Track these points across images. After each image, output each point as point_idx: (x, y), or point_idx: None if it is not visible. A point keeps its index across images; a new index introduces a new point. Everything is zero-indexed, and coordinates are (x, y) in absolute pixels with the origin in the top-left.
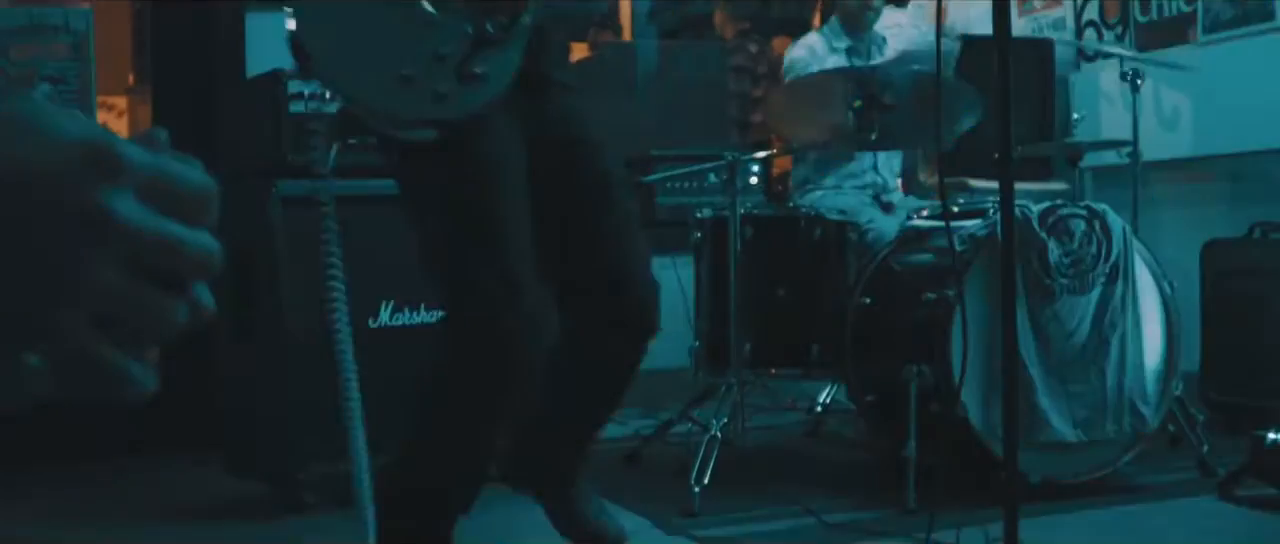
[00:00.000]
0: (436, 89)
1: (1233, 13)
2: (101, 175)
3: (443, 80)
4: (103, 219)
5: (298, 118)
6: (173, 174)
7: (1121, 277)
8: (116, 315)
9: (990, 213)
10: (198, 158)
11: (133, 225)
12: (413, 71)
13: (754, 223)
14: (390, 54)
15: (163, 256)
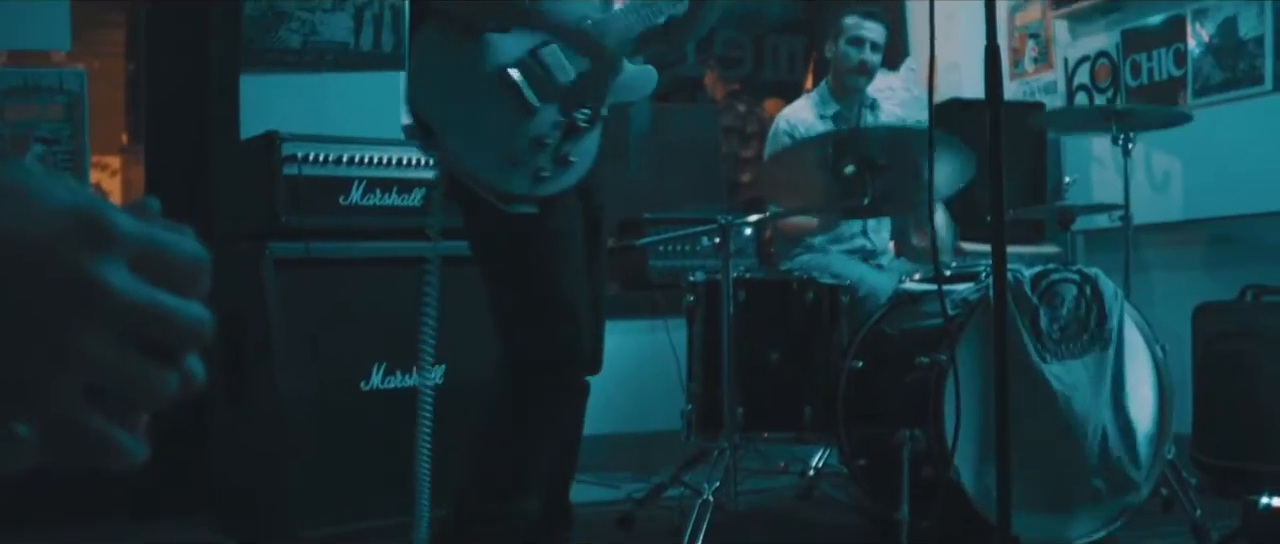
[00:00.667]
0: (538, 170)
1: (1223, 76)
2: (93, 245)
3: (543, 162)
4: (94, 289)
5: (291, 180)
6: (164, 244)
7: (1113, 341)
8: (107, 385)
9: (983, 277)
10: (191, 219)
11: (124, 295)
12: (519, 154)
13: (747, 286)
14: (501, 137)
15: (154, 327)
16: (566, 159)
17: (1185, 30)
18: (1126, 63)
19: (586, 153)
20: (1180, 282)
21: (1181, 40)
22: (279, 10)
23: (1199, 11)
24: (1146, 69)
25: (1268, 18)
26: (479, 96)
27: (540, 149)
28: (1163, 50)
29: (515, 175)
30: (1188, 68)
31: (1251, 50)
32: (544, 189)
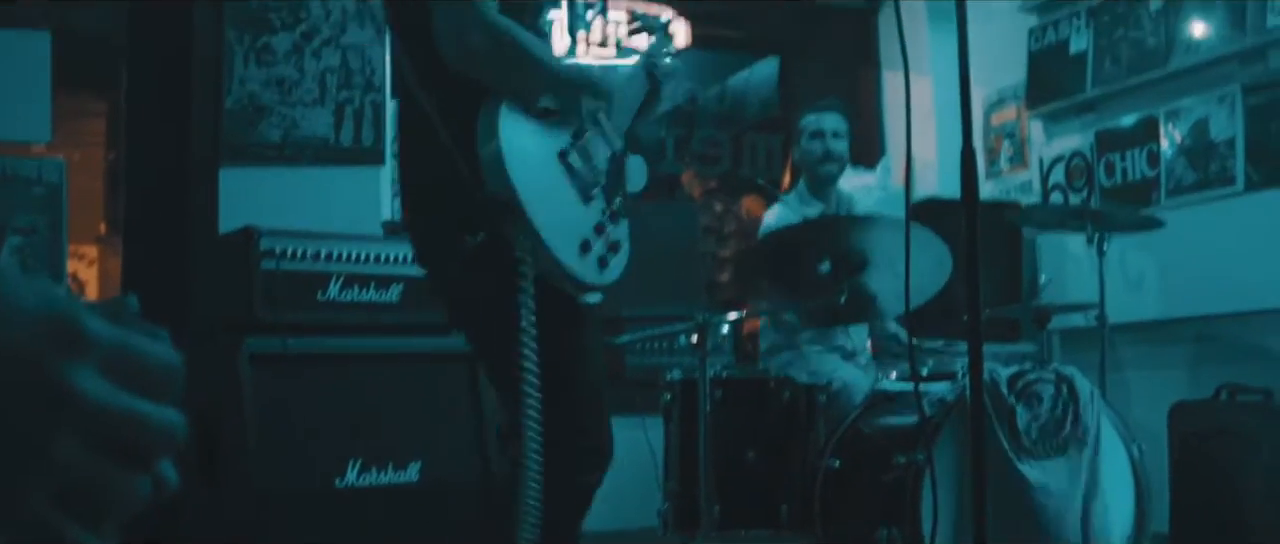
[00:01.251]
0: (603, 257)
1: (1195, 177)
2: (65, 352)
3: (604, 249)
4: (66, 396)
5: (269, 275)
6: (137, 349)
7: (1090, 440)
8: (78, 491)
9: (959, 376)
10: (168, 312)
11: (96, 402)
12: (589, 239)
13: (724, 385)
14: (574, 221)
15: (126, 432)
16: (619, 246)
17: (1158, 131)
18: (1100, 163)
19: (627, 235)
20: (1156, 381)
21: (1154, 141)
22: (259, 104)
23: (1171, 113)
24: (1120, 169)
25: (1238, 120)
26: (552, 178)
27: (601, 235)
28: (1136, 151)
29: (587, 261)
30: (1161, 168)
31: (1223, 152)
32: (607, 277)
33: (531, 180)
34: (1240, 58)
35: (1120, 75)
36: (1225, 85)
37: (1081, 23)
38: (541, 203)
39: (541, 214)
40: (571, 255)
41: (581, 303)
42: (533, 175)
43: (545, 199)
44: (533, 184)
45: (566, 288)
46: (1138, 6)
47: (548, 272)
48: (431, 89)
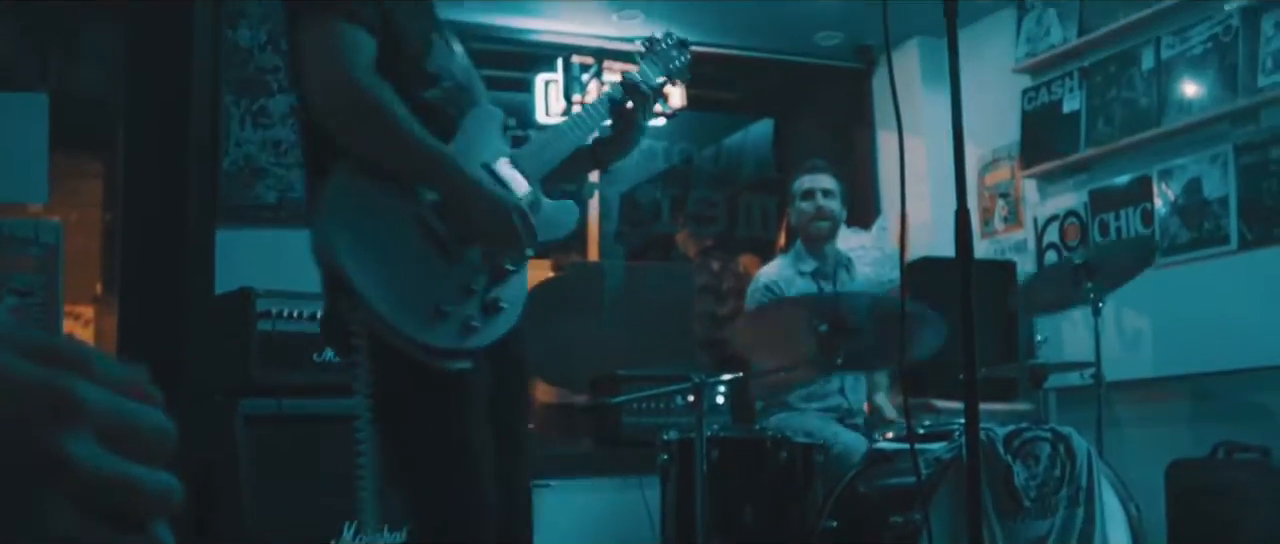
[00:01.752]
0: (468, 320)
1: (1189, 235)
2: (60, 421)
3: (472, 312)
4: (61, 465)
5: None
6: (131, 415)
7: (1086, 499)
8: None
9: (956, 435)
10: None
11: (91, 469)
12: (447, 305)
13: (720, 445)
14: (426, 288)
15: (121, 497)
16: (497, 306)
17: (1152, 190)
18: (1095, 222)
19: (517, 296)
20: (1153, 439)
21: (1148, 200)
22: (256, 166)
23: (1165, 172)
24: (1115, 228)
25: (1231, 179)
26: (398, 244)
27: (468, 297)
28: (1130, 210)
29: (442, 327)
30: (1155, 227)
31: (1216, 210)
32: (476, 341)
33: (365, 247)
34: (1232, 117)
35: (1113, 135)
36: (1218, 144)
37: (1074, 83)
38: (376, 270)
39: (375, 283)
40: (416, 323)
41: (445, 369)
42: (367, 242)
43: (382, 266)
44: (365, 251)
45: (418, 356)
46: (1130, 67)
47: (391, 341)
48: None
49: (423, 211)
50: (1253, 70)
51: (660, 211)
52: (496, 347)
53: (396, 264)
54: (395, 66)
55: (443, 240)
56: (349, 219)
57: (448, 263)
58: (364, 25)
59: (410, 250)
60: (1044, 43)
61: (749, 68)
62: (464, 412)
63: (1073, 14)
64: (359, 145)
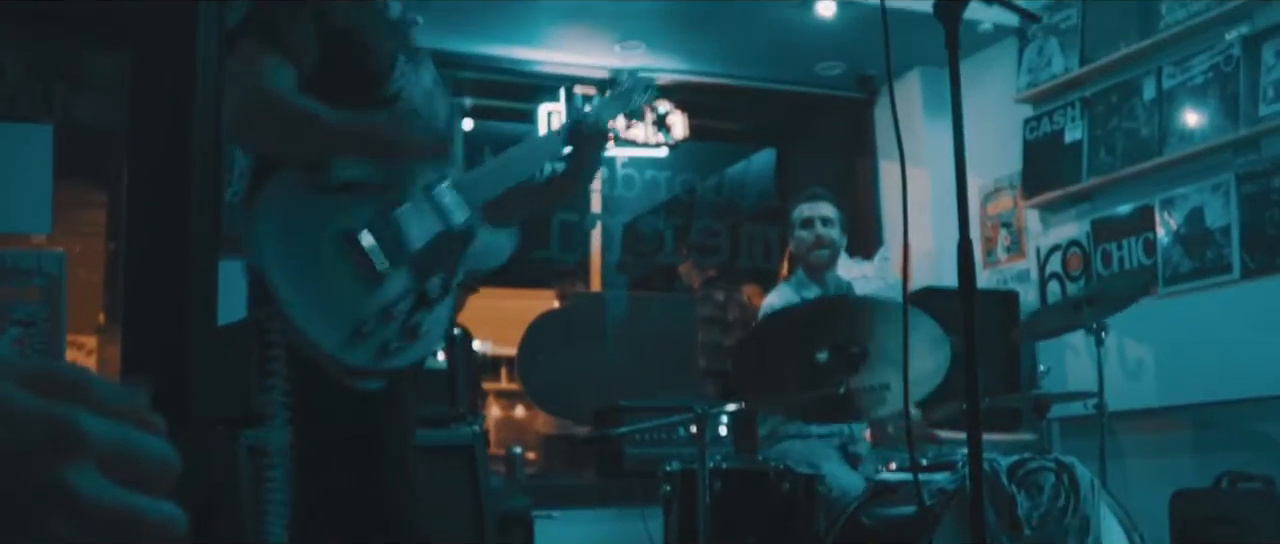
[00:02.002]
0: (386, 342)
1: (1192, 265)
2: (63, 453)
3: (391, 334)
4: (64, 496)
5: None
6: (134, 445)
7: (1091, 529)
8: None
9: (959, 466)
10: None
11: (94, 500)
12: (367, 325)
13: (723, 476)
14: (347, 307)
15: (124, 528)
16: (416, 331)
17: (1154, 220)
18: (1097, 251)
19: (437, 325)
20: (1157, 468)
21: (1151, 230)
22: None
23: (1166, 202)
24: (1117, 258)
25: (1233, 208)
26: (325, 260)
27: (388, 320)
28: (1132, 239)
29: (360, 347)
30: (1157, 256)
31: (1218, 240)
32: (391, 363)
33: (291, 259)
34: (1234, 146)
35: (1115, 165)
36: (1220, 173)
37: (1076, 113)
38: (299, 283)
39: (297, 295)
40: (335, 340)
41: (358, 388)
42: (294, 254)
43: (305, 280)
44: (291, 263)
45: (333, 373)
46: (1131, 97)
47: (308, 354)
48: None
49: (353, 230)
50: (1254, 99)
51: (663, 242)
52: None
53: (321, 280)
54: (349, 84)
55: (369, 262)
56: (280, 231)
57: (372, 284)
58: (288, 57)
59: (336, 268)
60: (1046, 73)
61: (751, 98)
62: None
63: (1074, 44)
64: (281, 149)
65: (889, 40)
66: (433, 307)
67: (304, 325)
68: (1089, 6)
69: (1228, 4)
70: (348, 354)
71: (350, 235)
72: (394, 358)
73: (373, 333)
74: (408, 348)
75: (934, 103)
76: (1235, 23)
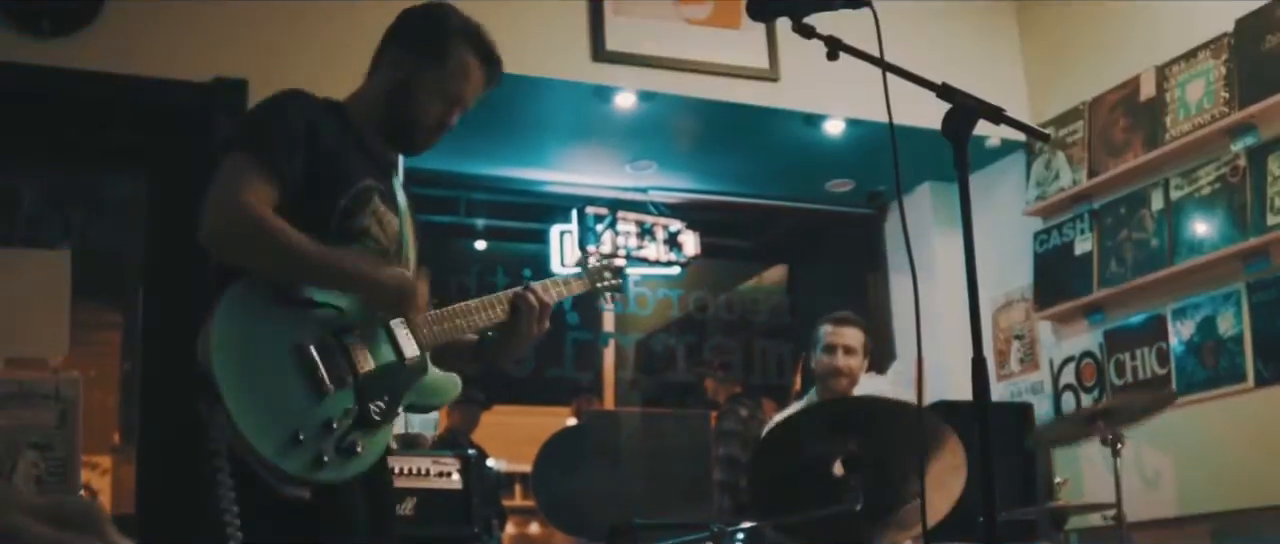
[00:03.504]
0: (320, 454)
1: (1205, 374)
2: None
3: (327, 447)
4: None
5: None
6: None
7: None
8: None
9: None
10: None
11: None
12: (305, 434)
13: None
14: (289, 412)
15: None
16: (352, 448)
17: (1166, 330)
18: (1111, 362)
19: (375, 447)
20: None
21: (1163, 339)
22: None
23: (1178, 311)
24: (1131, 368)
25: (1244, 317)
26: (274, 366)
27: (327, 434)
28: (1145, 349)
29: (295, 455)
30: (1171, 366)
31: (1231, 348)
32: (322, 475)
33: (239, 362)
34: (1243, 256)
35: (1126, 275)
36: (1230, 283)
37: (1085, 225)
38: (244, 384)
39: (241, 396)
40: (270, 443)
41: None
42: (244, 358)
43: (252, 383)
44: (240, 366)
45: (264, 475)
46: (1139, 208)
47: (244, 455)
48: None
49: (306, 344)
50: (1261, 209)
51: (676, 359)
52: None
53: (267, 386)
54: (319, 216)
55: (317, 377)
56: (232, 331)
57: (316, 396)
58: (272, 174)
59: (282, 375)
60: (1054, 186)
61: (762, 215)
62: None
63: (1081, 157)
64: (247, 261)
65: (898, 158)
66: (372, 430)
67: (243, 425)
68: (1094, 119)
69: (1232, 115)
70: (281, 458)
71: (302, 348)
72: (326, 470)
73: (309, 443)
74: (341, 464)
75: (944, 217)
76: (1240, 135)
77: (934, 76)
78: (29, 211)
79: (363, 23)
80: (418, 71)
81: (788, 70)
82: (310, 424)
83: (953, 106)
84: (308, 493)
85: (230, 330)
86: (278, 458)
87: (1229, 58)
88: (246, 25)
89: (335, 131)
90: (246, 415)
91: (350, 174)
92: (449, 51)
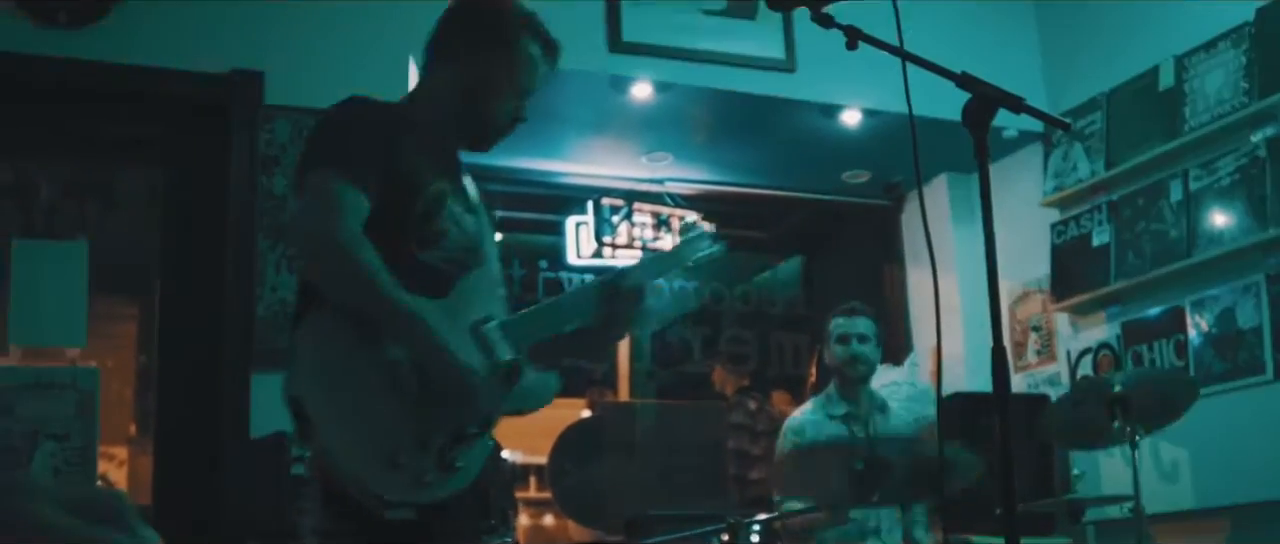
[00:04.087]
0: (420, 475)
1: (1224, 366)
2: None
3: (426, 467)
4: None
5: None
6: None
7: None
8: None
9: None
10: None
11: None
12: (402, 456)
13: None
14: (385, 436)
15: None
16: (452, 465)
17: (1185, 322)
18: (1129, 354)
19: (475, 460)
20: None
21: (1181, 331)
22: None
23: (1197, 303)
24: (1148, 360)
25: (1264, 308)
26: (366, 388)
27: (425, 452)
28: (1163, 341)
29: (393, 477)
30: (1189, 358)
31: (1250, 340)
32: (425, 495)
33: (330, 385)
34: (1263, 247)
35: (1144, 267)
36: (1250, 274)
37: (1103, 217)
38: (336, 409)
39: (333, 421)
40: (370, 468)
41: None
42: (333, 381)
43: (343, 406)
44: (330, 389)
45: (364, 500)
46: (1158, 200)
47: (340, 483)
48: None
49: (396, 361)
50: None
51: (691, 351)
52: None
53: (359, 407)
54: (397, 225)
55: (411, 392)
56: (320, 357)
57: (411, 415)
58: (361, 187)
59: (375, 396)
60: (1072, 177)
61: (777, 207)
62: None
63: (1099, 149)
64: (336, 298)
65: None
66: (471, 442)
67: (337, 451)
68: (1113, 110)
69: (1252, 106)
70: (379, 482)
71: (393, 365)
72: (428, 490)
73: (407, 464)
74: (443, 481)
75: (961, 208)
76: (1260, 125)
77: (951, 67)
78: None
79: (379, 14)
80: (489, 69)
81: (804, 61)
82: (407, 444)
83: (972, 96)
84: (413, 513)
85: (316, 356)
86: (376, 484)
87: (1249, 48)
88: (263, 17)
89: (405, 136)
90: (341, 443)
91: (423, 178)
92: (516, 45)
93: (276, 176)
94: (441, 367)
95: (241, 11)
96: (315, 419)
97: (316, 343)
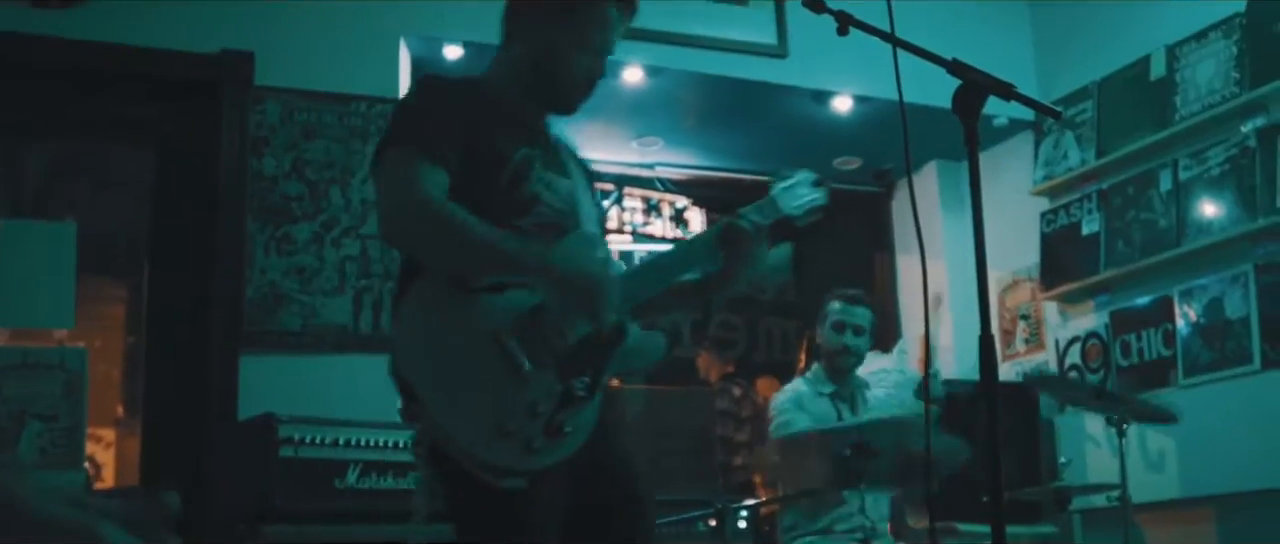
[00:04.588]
0: (529, 441)
1: (1211, 356)
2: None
3: (535, 433)
4: None
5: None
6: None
7: None
8: None
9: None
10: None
11: None
12: (511, 424)
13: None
14: (491, 405)
15: None
16: (561, 429)
17: (1173, 311)
18: (1116, 343)
19: (584, 424)
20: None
21: (1169, 321)
22: (279, 293)
23: (1185, 293)
24: (1136, 349)
25: (1252, 299)
26: (469, 359)
27: (534, 418)
28: (1151, 331)
29: (504, 445)
30: (1177, 347)
31: (1238, 330)
32: (536, 462)
33: (433, 362)
34: (1251, 237)
35: (1133, 256)
36: (1238, 264)
37: (1092, 205)
38: (442, 381)
39: (439, 394)
40: (480, 438)
41: (504, 487)
42: (437, 353)
43: (448, 378)
44: (434, 363)
45: (477, 471)
46: (1148, 189)
47: (449, 453)
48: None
49: (499, 330)
50: (1271, 190)
51: (680, 335)
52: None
53: (464, 378)
54: (486, 196)
55: (515, 361)
56: (422, 331)
57: (517, 382)
58: (437, 161)
59: (479, 366)
60: (1062, 166)
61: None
62: (523, 527)
63: (1090, 138)
64: (436, 260)
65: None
66: (579, 406)
67: (445, 422)
68: (1104, 100)
69: (1242, 96)
70: (489, 451)
71: (495, 334)
72: (538, 456)
73: (516, 431)
74: (552, 447)
75: (951, 196)
76: (1250, 115)
77: (943, 54)
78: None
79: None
80: (557, 35)
81: (796, 47)
82: (515, 412)
83: (963, 83)
84: (524, 482)
85: (418, 331)
86: (484, 451)
87: (1241, 38)
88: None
89: (481, 110)
90: (448, 414)
91: (504, 149)
92: (577, 8)
93: (266, 157)
94: (559, 279)
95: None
96: (422, 396)
97: (417, 321)
